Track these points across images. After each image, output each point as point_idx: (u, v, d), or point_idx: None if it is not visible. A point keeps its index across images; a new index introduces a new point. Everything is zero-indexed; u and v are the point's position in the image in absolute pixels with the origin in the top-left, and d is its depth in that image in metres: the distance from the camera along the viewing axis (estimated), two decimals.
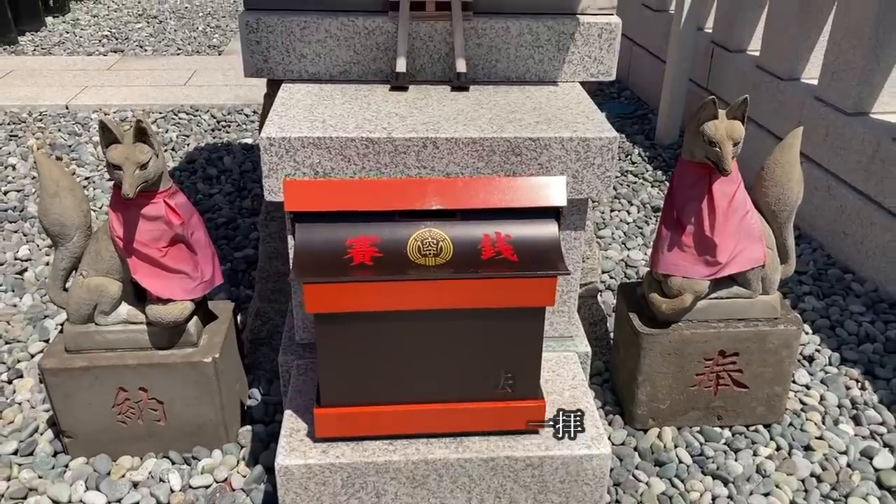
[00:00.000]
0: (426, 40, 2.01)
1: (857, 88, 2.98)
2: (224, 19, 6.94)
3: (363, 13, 1.99)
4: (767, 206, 1.96)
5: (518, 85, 2.07)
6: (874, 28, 2.86)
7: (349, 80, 2.04)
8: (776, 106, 3.46)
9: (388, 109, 1.85)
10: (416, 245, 1.54)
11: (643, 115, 4.59)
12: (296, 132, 1.68)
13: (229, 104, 4.63)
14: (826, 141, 3.10)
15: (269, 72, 2.01)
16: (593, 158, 1.75)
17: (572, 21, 2.02)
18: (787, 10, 3.43)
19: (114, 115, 4.43)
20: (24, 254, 2.93)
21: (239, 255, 2.93)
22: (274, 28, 1.95)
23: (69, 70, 5.22)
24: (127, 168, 1.64)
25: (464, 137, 1.71)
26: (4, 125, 4.23)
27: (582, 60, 2.07)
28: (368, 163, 1.71)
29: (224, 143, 4.09)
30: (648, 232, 3.20)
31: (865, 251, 2.84)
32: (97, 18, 6.85)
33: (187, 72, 5.26)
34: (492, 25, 2.01)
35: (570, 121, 1.81)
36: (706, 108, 1.77)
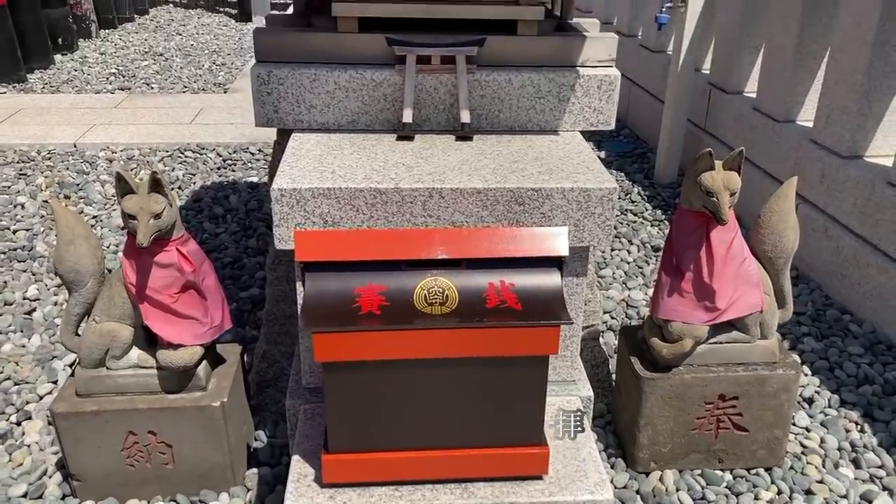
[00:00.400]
0: (431, 92, 2.07)
1: (851, 132, 3.05)
2: (229, 57, 7.06)
3: (371, 66, 2.05)
4: (764, 252, 2.01)
5: (520, 134, 2.12)
6: (866, 74, 2.94)
7: (357, 129, 2.10)
8: (772, 147, 3.53)
9: (395, 159, 1.91)
10: (423, 294, 1.58)
11: (642, 154, 4.66)
12: (306, 183, 1.73)
13: (235, 142, 4.70)
14: (822, 183, 3.16)
15: (279, 122, 2.07)
16: (594, 208, 1.80)
17: (572, 73, 2.08)
18: (781, 55, 3.51)
19: (121, 153, 4.50)
20: (32, 293, 2.97)
21: (245, 295, 2.97)
22: (285, 80, 2.02)
23: (77, 108, 5.31)
24: (141, 218, 1.69)
25: (468, 188, 1.76)
26: (14, 163, 4.30)
27: (582, 111, 2.13)
28: (376, 212, 1.76)
29: (230, 181, 4.16)
30: (648, 272, 3.25)
31: (863, 293, 2.89)
32: (105, 56, 6.97)
33: (193, 110, 5.35)
34: (494, 78, 2.07)
35: (570, 171, 1.86)
36: (703, 159, 1.82)
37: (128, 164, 4.34)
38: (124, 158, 4.41)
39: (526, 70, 2.09)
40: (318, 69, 2.03)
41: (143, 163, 4.36)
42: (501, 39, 2.09)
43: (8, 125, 4.88)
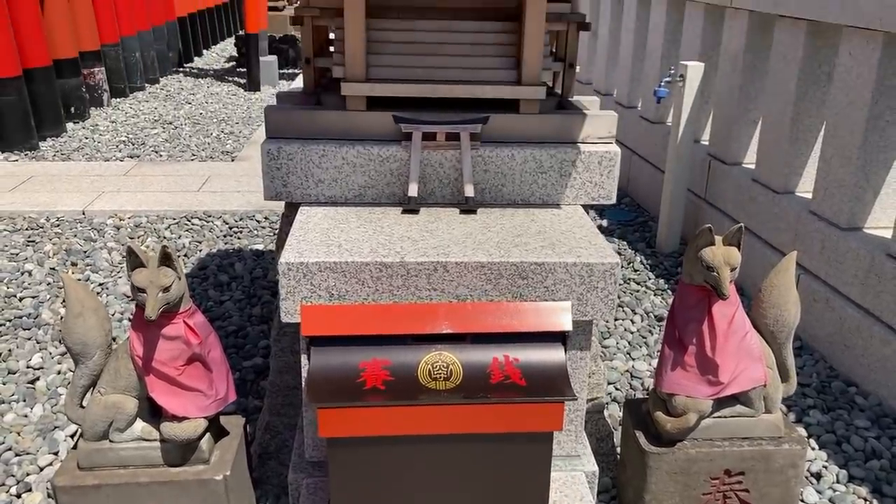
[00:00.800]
0: (436, 167, 2.12)
1: (849, 204, 3.10)
2: (237, 125, 7.21)
3: (378, 142, 2.11)
4: (766, 326, 2.02)
5: (523, 208, 2.17)
6: (861, 149, 3.00)
7: (364, 202, 2.14)
8: (772, 218, 3.58)
9: (401, 233, 1.94)
10: (427, 369, 1.59)
11: (644, 223, 4.71)
12: (313, 257, 1.76)
13: (241, 210, 4.77)
14: (822, 254, 3.19)
15: (287, 195, 2.11)
16: (596, 282, 1.82)
17: (573, 149, 2.14)
18: (778, 128, 3.59)
19: (128, 220, 4.56)
20: (36, 362, 2.98)
21: (248, 365, 2.97)
22: (294, 156, 2.07)
23: (87, 175, 5.41)
24: (150, 291, 1.71)
25: (473, 262, 1.79)
26: (23, 230, 4.35)
27: (583, 185, 2.17)
28: (382, 286, 1.79)
29: (235, 249, 4.20)
30: (652, 342, 3.25)
31: (867, 364, 2.88)
32: (115, 124, 7.12)
33: (201, 178, 5.44)
34: (498, 153, 2.12)
35: (573, 245, 1.90)
36: (703, 235, 1.86)
37: (135, 231, 4.40)
38: (132, 226, 4.47)
39: (528, 146, 2.15)
40: (327, 145, 2.08)
41: (150, 230, 4.42)
42: (504, 117, 2.16)
43: (19, 192, 4.97)
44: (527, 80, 2.12)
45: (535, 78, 2.12)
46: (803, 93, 3.46)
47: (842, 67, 3.14)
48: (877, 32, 2.90)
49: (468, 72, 2.16)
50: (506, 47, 2.18)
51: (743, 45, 3.90)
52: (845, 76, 3.10)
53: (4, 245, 4.11)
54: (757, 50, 3.88)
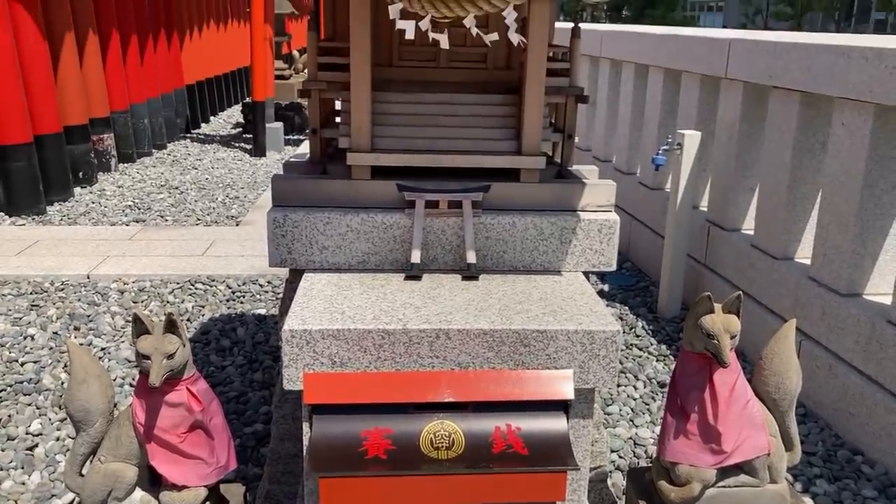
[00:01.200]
0: (439, 234, 2.16)
1: (848, 271, 3.12)
2: (243, 190, 7.31)
3: (382, 210, 2.15)
4: (768, 394, 2.02)
5: (525, 274, 2.19)
6: (857, 216, 3.04)
7: (367, 269, 2.17)
8: (772, 284, 3.60)
9: (404, 299, 1.96)
10: (429, 438, 1.59)
11: (645, 288, 4.73)
12: (316, 324, 1.78)
13: (244, 274, 4.80)
14: (823, 320, 3.20)
15: (292, 262, 2.14)
16: (598, 350, 1.83)
17: (573, 217, 2.18)
18: (775, 195, 3.65)
19: (132, 284, 4.59)
20: (35, 428, 2.96)
21: (248, 431, 2.95)
22: (299, 223, 2.11)
23: (93, 240, 5.46)
24: (155, 358, 1.73)
25: (475, 329, 1.81)
26: (27, 295, 4.38)
27: (584, 252, 2.20)
28: (384, 353, 1.80)
29: (238, 313, 4.21)
30: (655, 408, 3.23)
31: (872, 432, 2.86)
32: (122, 189, 7.22)
33: (205, 242, 5.50)
34: (499, 221, 2.16)
35: (574, 312, 1.91)
36: (702, 302, 1.87)
37: (139, 295, 4.42)
38: (135, 290, 4.50)
39: (529, 214, 2.19)
40: (332, 213, 2.12)
41: (153, 294, 4.44)
42: (505, 186, 2.20)
43: (25, 257, 5.01)
44: (527, 151, 2.18)
45: (535, 148, 2.18)
46: (799, 161, 3.52)
47: (835, 137, 3.21)
48: (868, 104, 2.98)
49: (470, 142, 2.21)
50: (506, 119, 2.25)
51: (738, 114, 3.99)
52: (839, 145, 3.17)
53: (8, 309, 4.13)
54: (752, 119, 3.97)
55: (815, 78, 3.30)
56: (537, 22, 2.07)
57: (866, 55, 2.99)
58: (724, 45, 4.10)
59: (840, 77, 3.12)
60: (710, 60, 4.25)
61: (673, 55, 4.72)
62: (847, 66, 3.08)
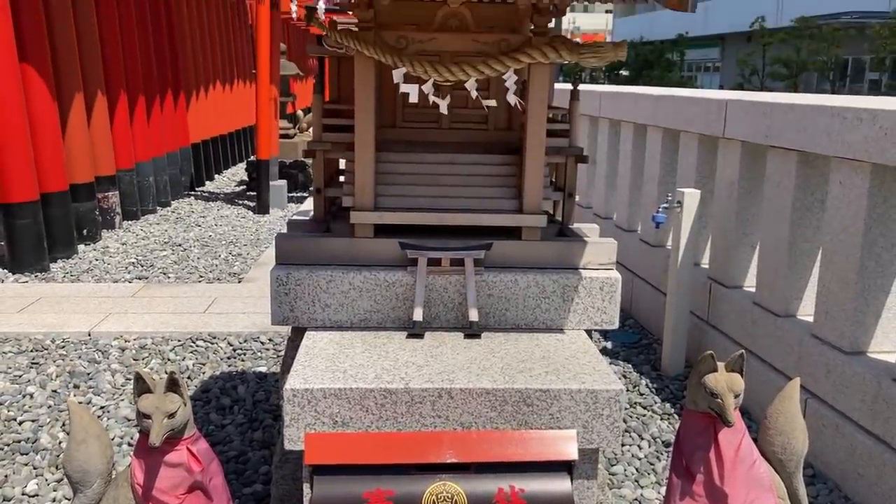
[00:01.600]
0: (441, 291, 2.17)
1: (851, 329, 3.11)
2: (245, 247, 7.34)
3: (384, 268, 2.17)
4: (774, 454, 2.00)
5: (527, 332, 2.19)
6: (858, 274, 3.05)
7: (369, 327, 2.17)
8: (775, 341, 3.58)
9: (406, 358, 1.96)
10: (431, 499, 1.57)
11: (648, 345, 4.71)
12: (318, 383, 1.78)
13: (246, 332, 4.79)
14: (828, 379, 3.17)
15: (294, 320, 2.15)
16: (601, 409, 1.82)
17: (575, 275, 2.19)
18: (776, 253, 3.66)
19: (134, 341, 4.58)
20: (32, 489, 2.91)
21: (248, 492, 2.90)
22: (302, 281, 2.12)
23: (95, 297, 5.47)
24: (156, 417, 1.72)
25: (477, 388, 1.80)
26: (27, 352, 4.36)
27: (586, 310, 2.21)
28: (386, 412, 1.79)
29: (239, 371, 4.19)
30: (661, 468, 3.18)
31: (882, 493, 2.81)
32: (126, 246, 7.26)
33: (207, 299, 5.50)
34: (501, 279, 2.17)
35: (577, 371, 1.91)
36: (705, 361, 1.87)
37: (140, 353, 4.40)
38: (136, 347, 4.48)
39: (531, 272, 2.20)
40: (335, 271, 2.14)
41: (154, 352, 4.42)
42: (507, 244, 2.22)
43: (27, 314, 5.01)
44: (528, 209, 2.20)
45: (537, 207, 2.20)
46: (798, 219, 3.55)
47: (833, 195, 3.24)
48: (864, 163, 3.02)
49: (472, 201, 2.24)
50: (507, 178, 2.28)
51: (737, 173, 4.04)
52: (837, 204, 3.20)
53: (8, 367, 4.12)
54: (751, 177, 4.01)
55: (811, 138, 3.35)
56: (537, 85, 2.12)
57: (861, 116, 3.04)
58: (721, 106, 4.17)
59: (836, 137, 3.17)
60: (708, 121, 4.32)
61: (671, 116, 4.80)
62: (842, 126, 3.14)
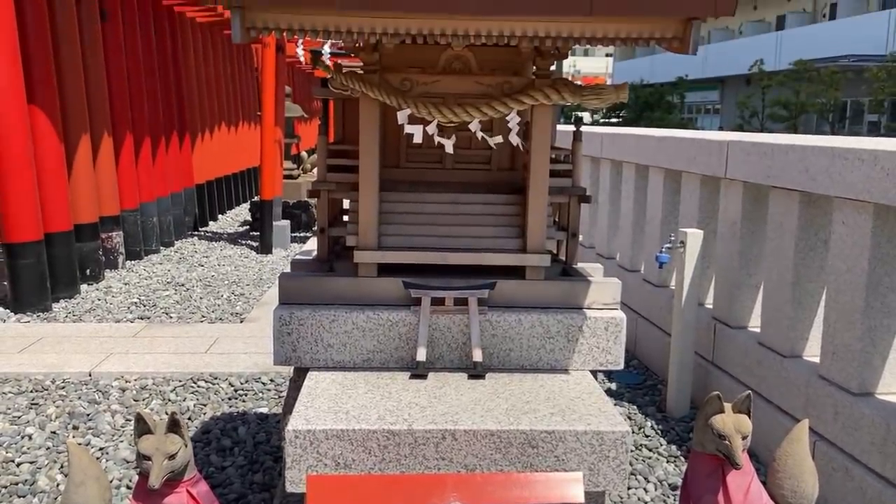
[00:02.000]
0: (445, 331, 2.16)
1: (858, 369, 3.08)
2: (248, 287, 7.34)
3: (387, 307, 2.16)
4: (784, 498, 1.96)
5: (531, 373, 2.18)
6: (864, 314, 3.03)
7: (372, 367, 2.16)
8: (782, 382, 3.55)
9: (409, 399, 1.94)
10: None
11: (653, 386, 4.67)
12: (320, 424, 1.76)
13: (248, 372, 4.75)
14: (836, 420, 3.13)
15: (296, 360, 2.13)
16: (608, 451, 1.80)
17: (580, 315, 2.18)
18: (780, 293, 3.65)
19: (134, 382, 4.55)
20: None
21: None
22: (305, 321, 2.11)
23: (96, 337, 5.45)
24: (156, 458, 1.69)
25: (482, 430, 1.78)
26: (27, 393, 4.33)
27: (591, 351, 2.19)
28: (389, 454, 1.76)
29: (240, 412, 4.15)
30: None
31: None
32: (128, 286, 7.26)
33: (209, 339, 5.48)
34: (505, 318, 2.16)
35: (583, 412, 1.89)
36: (712, 402, 1.85)
37: (140, 393, 4.37)
38: (137, 388, 4.45)
39: (535, 311, 2.19)
40: (338, 310, 2.13)
41: (155, 392, 4.39)
42: (511, 283, 2.22)
43: (27, 354, 4.99)
44: (532, 249, 2.21)
45: (540, 246, 2.20)
46: (802, 259, 3.55)
47: (836, 236, 3.24)
48: (867, 203, 3.03)
49: (475, 240, 2.24)
50: (511, 217, 2.28)
51: (739, 213, 4.05)
52: (841, 244, 3.20)
53: (8, 408, 4.08)
54: (754, 218, 4.02)
55: (813, 178, 3.36)
56: (540, 126, 2.14)
57: (862, 157, 3.05)
58: (722, 147, 4.20)
59: (837, 178, 3.18)
60: (709, 162, 4.34)
61: (672, 157, 4.83)
62: (843, 167, 3.15)
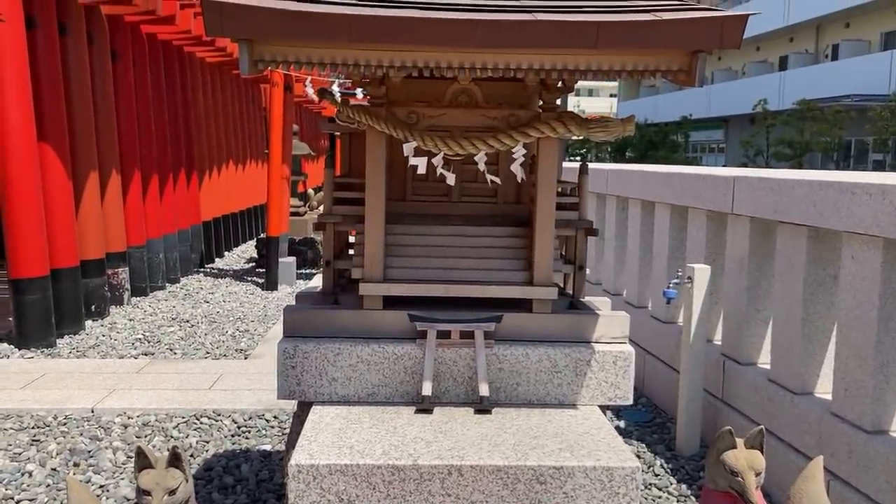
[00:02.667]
0: (451, 365, 2.13)
1: (872, 406, 3.03)
2: (253, 323, 7.31)
3: (393, 340, 2.14)
4: None
5: (539, 408, 2.14)
6: (876, 350, 2.99)
7: (377, 401, 2.12)
8: (793, 420, 3.49)
9: (414, 433, 1.91)
10: None
11: (662, 424, 4.59)
12: (324, 459, 1.72)
13: (251, 409, 4.71)
14: (850, 458, 3.07)
15: (301, 394, 2.11)
16: (618, 488, 1.76)
17: (588, 349, 2.15)
18: (790, 329, 3.61)
19: (137, 418, 4.50)
20: None
21: None
22: (309, 354, 2.09)
23: (100, 373, 5.42)
24: (156, 494, 1.66)
25: (488, 465, 1.74)
26: (28, 429, 4.29)
27: (599, 385, 2.16)
28: (393, 490, 1.73)
29: (243, 449, 4.10)
30: None
31: None
32: (133, 322, 7.24)
33: (213, 375, 5.43)
34: (512, 352, 2.14)
35: (592, 448, 1.85)
36: (724, 438, 1.81)
37: (142, 430, 4.32)
38: (139, 424, 4.40)
39: (542, 345, 2.17)
40: (343, 343, 2.11)
41: (158, 429, 4.34)
42: (518, 316, 2.20)
43: (30, 390, 4.96)
44: (538, 281, 2.19)
45: (547, 279, 2.19)
46: (811, 294, 3.51)
47: (846, 270, 3.21)
48: (876, 238, 3.01)
49: (481, 273, 2.23)
50: (517, 250, 2.27)
51: (747, 248, 4.02)
52: (850, 279, 3.17)
53: (9, 444, 4.04)
54: (761, 253, 4.00)
55: (820, 213, 3.34)
56: (546, 159, 2.14)
57: (870, 191, 3.04)
58: (728, 183, 4.20)
59: (846, 212, 3.17)
60: (716, 197, 4.34)
61: (678, 193, 4.83)
62: (851, 201, 3.13)
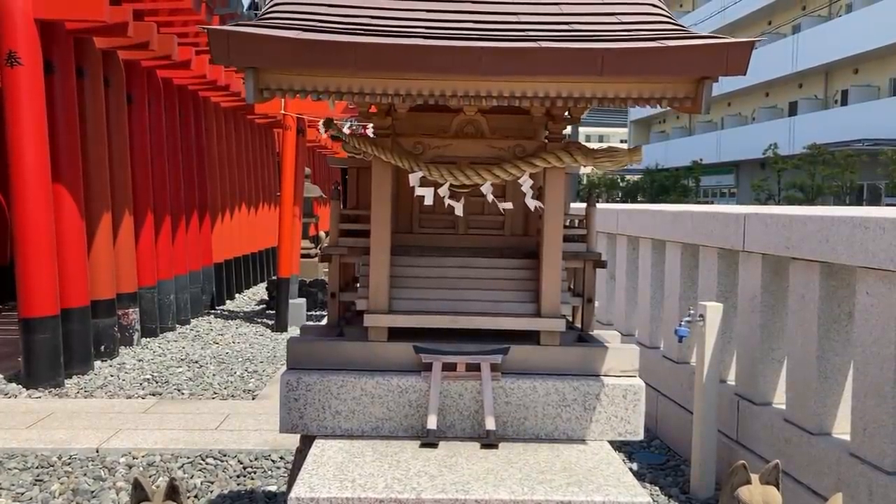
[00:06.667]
0: (456, 398, 2.09)
1: (892, 446, 2.94)
2: (261, 364, 7.27)
3: (398, 373, 2.10)
4: None
5: (547, 443, 2.09)
6: (895, 387, 2.92)
7: (381, 435, 2.08)
8: (811, 461, 3.40)
9: (418, 468, 1.86)
10: None
11: (676, 466, 4.49)
12: (325, 492, 1.68)
13: (257, 449, 4.64)
14: (871, 501, 2.97)
15: (303, 428, 2.07)
16: None
17: (597, 382, 2.10)
18: (805, 367, 3.53)
19: (142, 458, 4.44)
20: None
21: None
22: (313, 386, 2.06)
23: (106, 413, 5.37)
24: None
25: (494, 499, 1.69)
26: (32, 469, 4.24)
27: (609, 420, 2.11)
28: None
29: (248, 490, 4.03)
30: None
31: None
32: (142, 362, 7.21)
33: (220, 416, 5.38)
34: (519, 385, 2.09)
35: (601, 483, 1.79)
36: (737, 472, 1.75)
37: (147, 470, 4.26)
38: (144, 464, 4.35)
39: (550, 378, 2.12)
40: (347, 376, 2.07)
41: (162, 469, 4.28)
42: (525, 348, 2.16)
43: (36, 430, 4.92)
44: (546, 313, 2.15)
45: (555, 311, 2.15)
46: (826, 331, 3.45)
47: (861, 306, 3.15)
48: (891, 272, 2.96)
49: (488, 304, 2.20)
50: (525, 282, 2.24)
51: (759, 286, 3.97)
52: (866, 315, 3.11)
53: (12, 484, 3.99)
54: (774, 290, 3.94)
55: (833, 248, 3.30)
56: (553, 189, 2.13)
57: (883, 226, 3.00)
58: (739, 220, 4.17)
59: (859, 247, 3.13)
60: (727, 235, 4.30)
61: (689, 231, 4.80)
62: (865, 236, 3.10)
